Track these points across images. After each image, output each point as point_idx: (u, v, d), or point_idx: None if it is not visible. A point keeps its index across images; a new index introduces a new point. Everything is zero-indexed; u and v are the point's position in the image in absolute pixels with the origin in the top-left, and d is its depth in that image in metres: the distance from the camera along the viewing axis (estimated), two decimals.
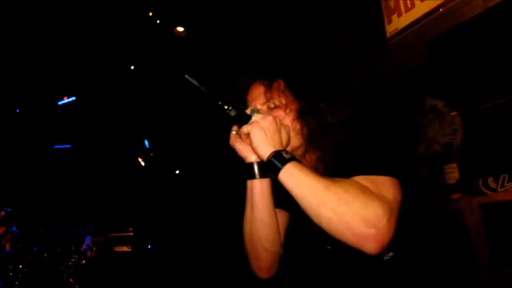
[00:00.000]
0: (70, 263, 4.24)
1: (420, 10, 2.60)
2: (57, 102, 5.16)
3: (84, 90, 4.93)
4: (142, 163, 5.72)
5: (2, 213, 4.05)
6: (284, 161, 1.00)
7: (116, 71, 4.60)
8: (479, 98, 2.37)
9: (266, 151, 1.03)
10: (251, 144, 1.08)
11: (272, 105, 1.21)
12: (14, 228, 4.19)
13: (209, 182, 4.58)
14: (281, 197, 1.17)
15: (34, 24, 3.80)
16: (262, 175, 1.16)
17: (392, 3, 2.85)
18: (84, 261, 4.32)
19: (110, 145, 5.42)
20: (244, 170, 1.18)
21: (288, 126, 1.17)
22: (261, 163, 1.13)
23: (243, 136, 1.15)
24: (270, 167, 1.03)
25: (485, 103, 2.33)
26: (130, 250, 4.94)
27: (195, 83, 1.13)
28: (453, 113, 2.43)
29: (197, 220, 4.86)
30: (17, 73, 4.44)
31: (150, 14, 3.95)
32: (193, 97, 4.00)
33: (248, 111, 1.15)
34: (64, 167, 5.55)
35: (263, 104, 1.22)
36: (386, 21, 2.89)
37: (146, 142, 5.78)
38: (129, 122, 5.30)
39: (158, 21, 4.00)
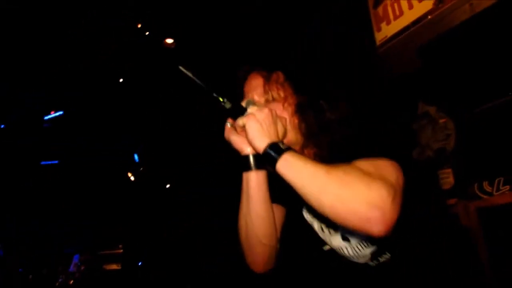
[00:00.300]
0: (57, 284, 4.10)
1: (408, 17, 2.63)
2: (43, 117, 5.00)
3: (84, 91, 4.92)
4: (132, 178, 5.58)
5: None
6: (281, 151, 0.98)
7: (115, 71, 4.60)
8: (470, 102, 2.41)
9: (262, 143, 1.01)
10: (246, 136, 1.06)
11: (270, 98, 1.19)
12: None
13: (209, 182, 4.57)
14: (278, 192, 1.18)
15: (34, 24, 3.80)
16: (258, 167, 1.14)
17: (380, 11, 2.88)
18: (71, 282, 4.18)
19: (102, 154, 5.29)
20: (240, 163, 1.16)
21: (285, 119, 1.15)
22: (257, 155, 1.11)
23: (238, 129, 1.13)
24: (267, 159, 1.00)
25: (477, 107, 2.36)
26: (120, 268, 4.79)
27: (190, 74, 1.11)
28: (443, 120, 2.45)
29: (197, 220, 4.86)
30: (17, 73, 4.44)
31: (143, 23, 3.95)
32: (193, 97, 3.99)
33: (243, 104, 1.14)
34: (51, 183, 5.30)
35: (261, 95, 1.20)
36: (375, 28, 2.93)
37: (136, 156, 5.66)
38: (127, 125, 5.26)
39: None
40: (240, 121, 1.09)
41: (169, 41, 4.16)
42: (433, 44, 2.52)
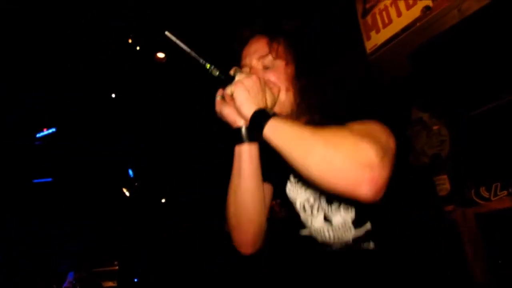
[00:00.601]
0: None
1: (397, 25, 2.64)
2: (36, 134, 4.95)
3: (84, 91, 4.92)
4: (127, 193, 5.53)
5: None
6: (267, 117, 0.97)
7: (115, 72, 4.60)
8: (464, 107, 2.41)
9: (249, 110, 1.00)
10: (234, 104, 1.05)
11: (269, 63, 1.18)
12: None
13: (209, 182, 4.57)
14: (265, 169, 1.16)
15: (34, 24, 3.80)
16: (251, 139, 1.12)
17: (369, 20, 2.90)
18: None
19: (101, 155, 5.26)
20: (232, 136, 1.14)
21: (278, 88, 1.14)
22: (249, 128, 1.08)
23: (227, 98, 1.11)
24: (254, 125, 0.99)
25: (470, 111, 2.36)
26: (115, 285, 4.75)
27: (175, 40, 1.09)
28: (437, 126, 2.45)
29: (197, 220, 4.86)
30: (17, 73, 4.44)
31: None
32: (193, 97, 3.99)
33: (231, 72, 1.12)
34: (46, 200, 5.26)
35: (260, 60, 1.19)
36: (365, 37, 2.94)
37: (131, 172, 5.59)
38: (127, 125, 5.25)
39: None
40: (228, 89, 1.08)
41: (161, 55, 4.18)
42: (423, 50, 2.53)
